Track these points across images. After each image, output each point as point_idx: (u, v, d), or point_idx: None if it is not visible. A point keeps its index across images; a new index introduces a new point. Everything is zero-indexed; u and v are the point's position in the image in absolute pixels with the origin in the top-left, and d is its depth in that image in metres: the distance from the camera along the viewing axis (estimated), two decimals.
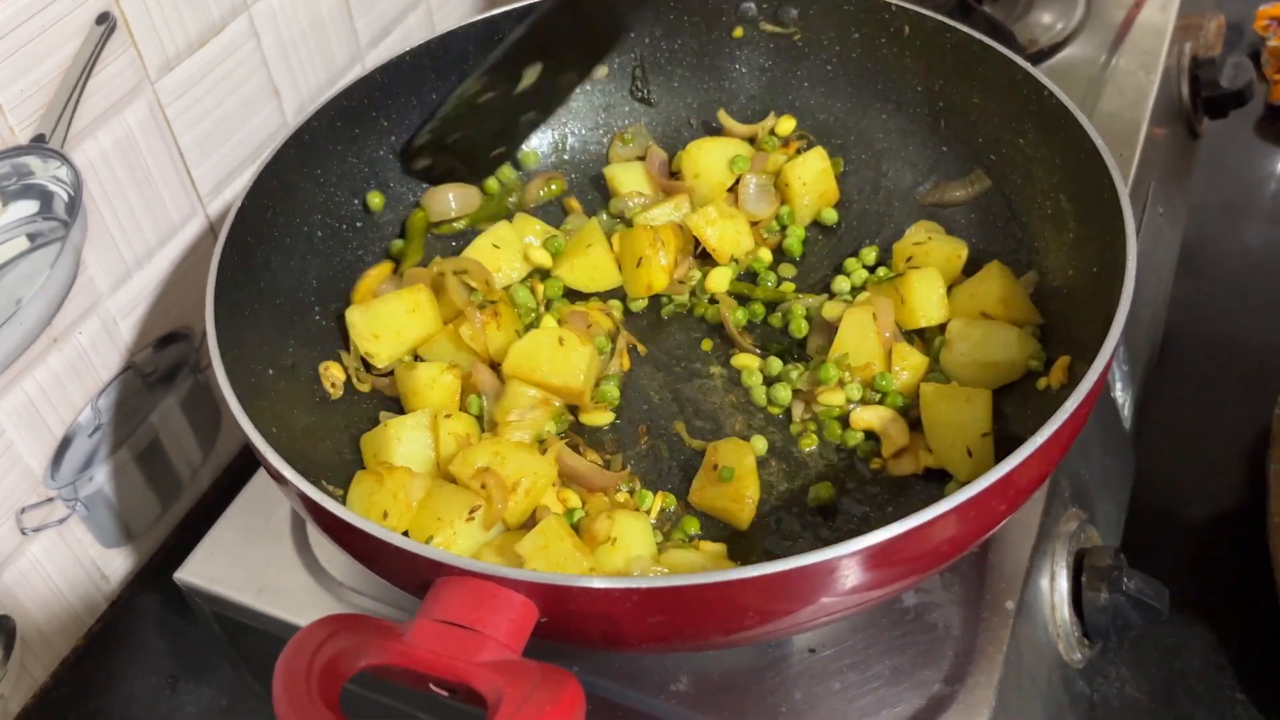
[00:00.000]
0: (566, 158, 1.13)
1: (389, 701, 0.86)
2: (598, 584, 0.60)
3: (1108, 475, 1.02)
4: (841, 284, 0.98)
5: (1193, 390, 1.30)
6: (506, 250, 1.00)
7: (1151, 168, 1.18)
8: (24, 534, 0.88)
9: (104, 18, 0.83)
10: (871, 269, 1.00)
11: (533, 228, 1.04)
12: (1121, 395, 1.06)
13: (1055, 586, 0.86)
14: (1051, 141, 0.90)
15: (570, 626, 0.64)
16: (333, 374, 0.92)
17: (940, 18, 0.97)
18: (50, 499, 0.90)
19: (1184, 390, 1.29)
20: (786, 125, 1.08)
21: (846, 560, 0.60)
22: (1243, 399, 1.26)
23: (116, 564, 0.98)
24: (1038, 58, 1.24)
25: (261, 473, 0.96)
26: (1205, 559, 1.14)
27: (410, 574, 0.66)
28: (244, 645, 0.94)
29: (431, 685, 0.60)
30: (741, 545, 0.83)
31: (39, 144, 0.80)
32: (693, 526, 0.84)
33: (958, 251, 0.94)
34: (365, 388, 0.93)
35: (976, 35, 0.95)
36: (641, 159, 1.10)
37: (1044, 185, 0.92)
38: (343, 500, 0.80)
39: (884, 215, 1.05)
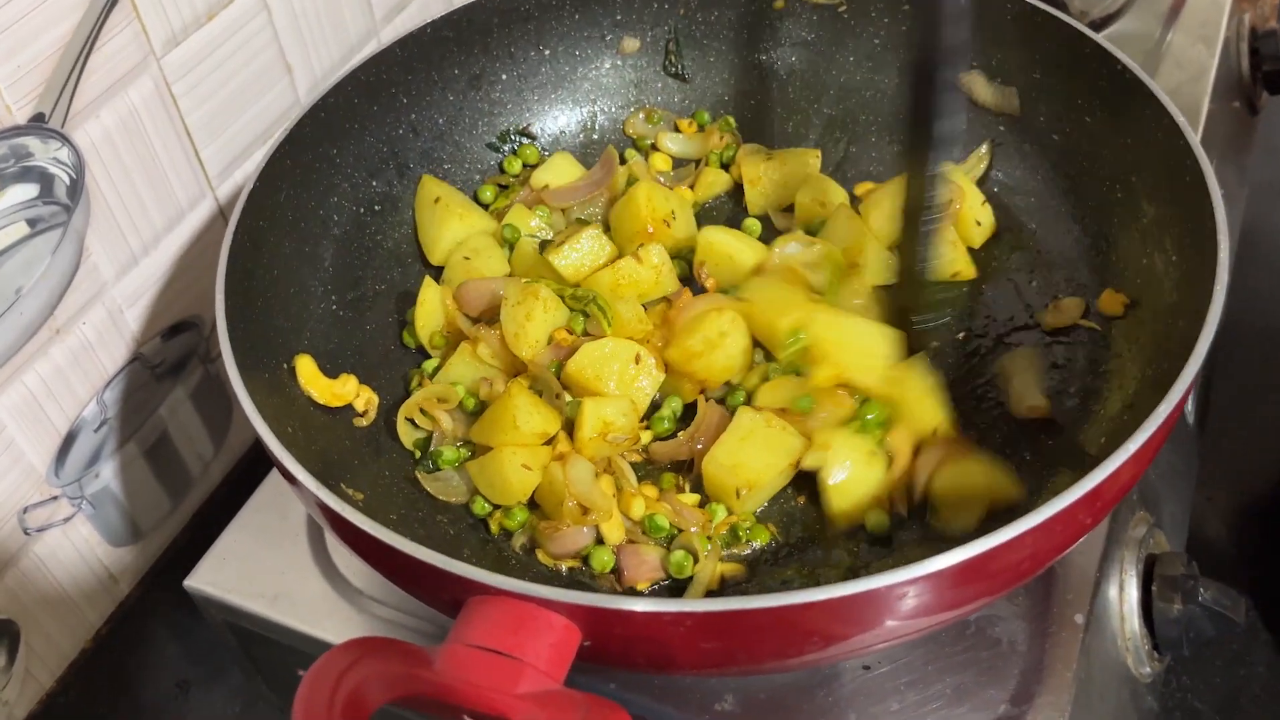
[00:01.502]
0: (595, 137, 1.09)
1: None
2: (648, 607, 0.56)
3: (1172, 475, 0.98)
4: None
5: (1252, 383, 1.25)
6: (486, 255, 0.95)
7: (1213, 146, 1.14)
8: (27, 534, 0.85)
9: None
10: None
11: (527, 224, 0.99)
12: None
13: (1125, 597, 0.81)
14: (1122, 119, 0.86)
15: (616, 651, 0.60)
16: (367, 400, 0.87)
17: None
18: (54, 497, 0.87)
19: (1242, 381, 1.24)
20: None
21: (921, 583, 0.56)
22: None
23: (125, 563, 0.96)
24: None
25: (274, 472, 0.92)
26: (1268, 561, 1.09)
27: (440, 591, 0.62)
28: (257, 653, 0.91)
29: (466, 718, 0.56)
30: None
31: (38, 124, 0.77)
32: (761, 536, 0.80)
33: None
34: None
35: (1040, 5, 0.90)
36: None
37: (1114, 166, 0.87)
38: (363, 505, 0.76)
39: None
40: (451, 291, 0.92)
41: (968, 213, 0.93)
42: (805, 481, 0.82)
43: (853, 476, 0.77)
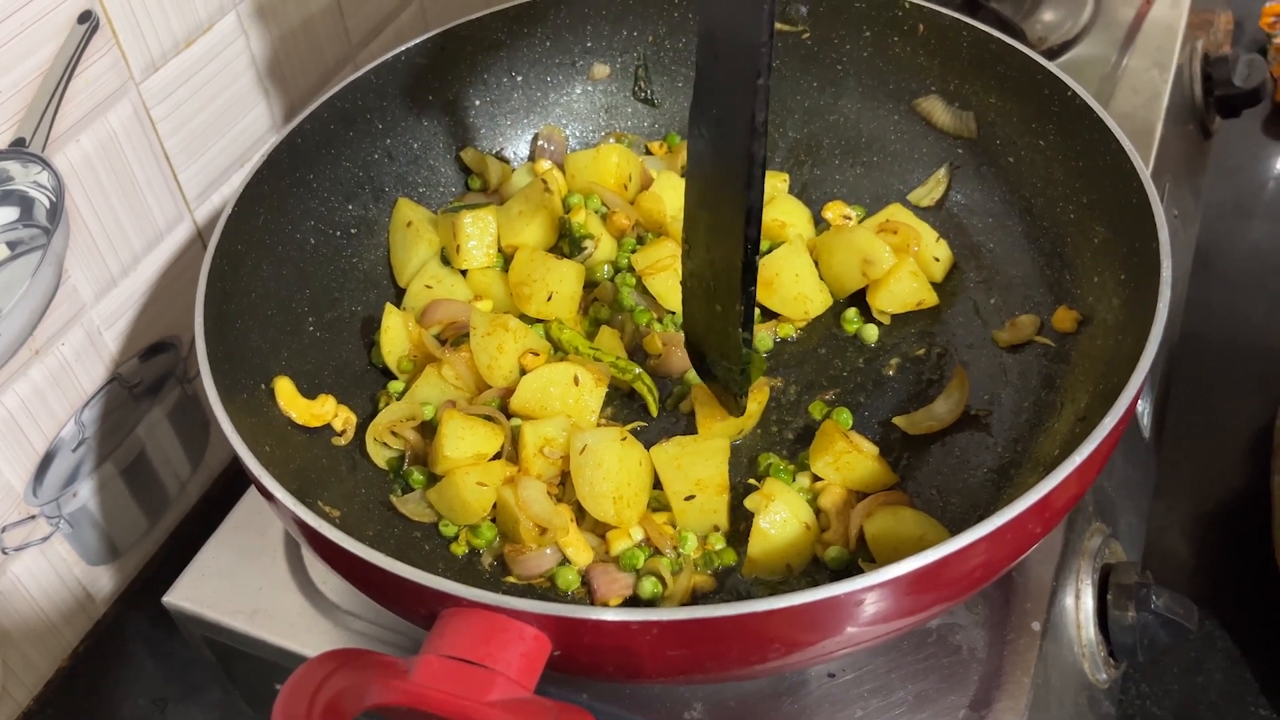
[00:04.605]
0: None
1: None
2: (616, 616, 0.57)
3: (1129, 486, 1.00)
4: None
5: (1206, 395, 1.27)
6: (442, 286, 0.96)
7: (1167, 168, 1.16)
8: (4, 553, 0.85)
9: (86, 16, 0.80)
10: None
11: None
12: (1141, 404, 1.04)
13: (1081, 605, 0.83)
14: (1073, 143, 0.88)
15: (585, 660, 0.61)
16: (345, 419, 0.88)
17: (956, 15, 0.95)
18: (32, 517, 0.87)
19: (1198, 395, 1.27)
20: None
21: (878, 590, 0.57)
22: (1260, 403, 1.24)
23: (102, 582, 0.96)
24: (1047, 56, 1.22)
25: (253, 489, 0.92)
26: (1224, 570, 1.11)
27: (414, 604, 0.63)
28: (236, 669, 0.91)
29: None
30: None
31: (18, 148, 0.78)
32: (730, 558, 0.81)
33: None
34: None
35: (995, 33, 0.93)
36: None
37: (1065, 188, 0.89)
38: (339, 521, 0.77)
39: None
40: (415, 317, 0.93)
41: (925, 252, 0.95)
42: None
43: (780, 531, 0.78)
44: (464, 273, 0.98)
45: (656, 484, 0.83)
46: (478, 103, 1.07)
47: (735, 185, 0.68)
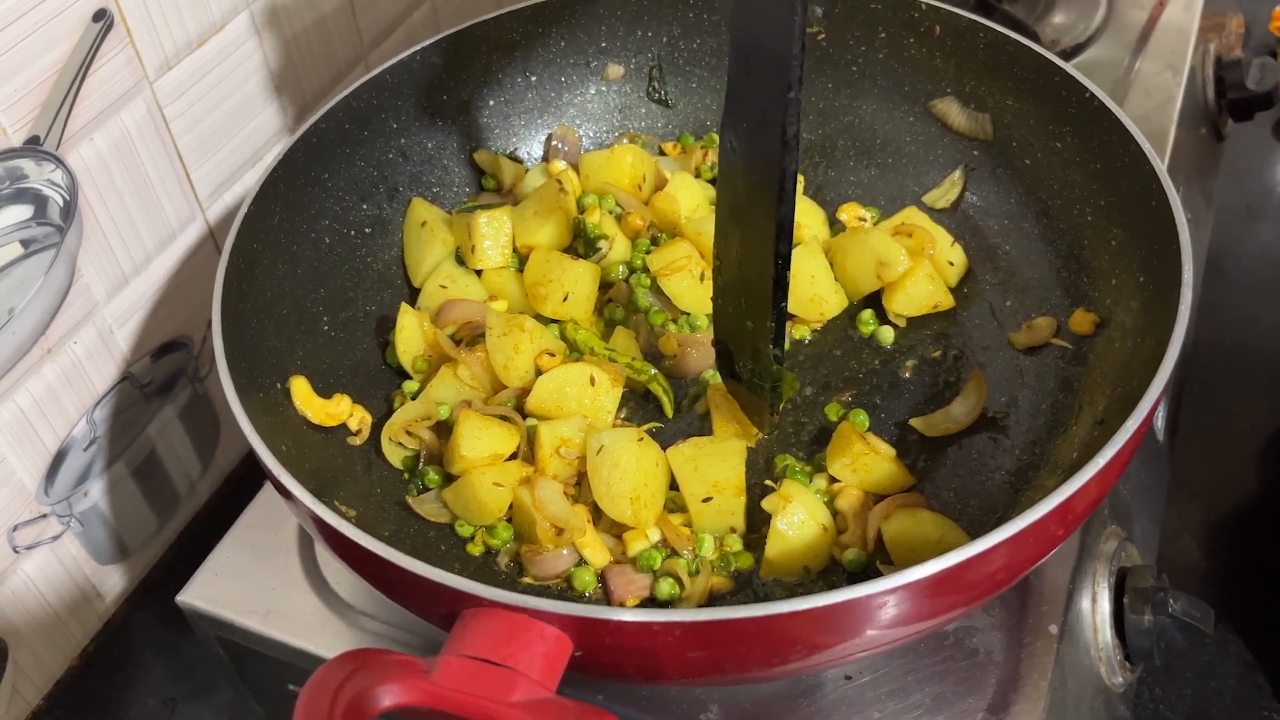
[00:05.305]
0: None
1: None
2: (638, 617, 0.57)
3: (1144, 490, 1.00)
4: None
5: (1217, 399, 1.27)
6: (457, 286, 0.96)
7: (1180, 171, 1.16)
8: (16, 552, 0.85)
9: (101, 15, 0.80)
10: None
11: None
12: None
13: (1097, 608, 0.83)
14: (1091, 145, 0.88)
15: (606, 660, 0.61)
16: (360, 419, 0.88)
17: (973, 16, 0.95)
18: (44, 515, 0.87)
19: (1210, 398, 1.26)
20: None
21: (901, 592, 0.57)
22: (1272, 407, 1.24)
23: (112, 581, 0.96)
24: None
25: (266, 488, 0.93)
26: (1237, 574, 1.11)
27: (435, 604, 0.63)
28: (248, 669, 0.91)
29: None
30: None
31: (33, 146, 0.78)
32: (745, 561, 0.81)
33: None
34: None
35: (1012, 35, 0.93)
36: None
37: (1083, 190, 0.89)
38: (355, 521, 0.77)
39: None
40: (429, 316, 0.93)
41: (940, 255, 0.95)
42: None
43: (797, 532, 0.78)
44: (479, 273, 0.98)
45: (673, 485, 0.83)
46: (491, 103, 1.06)
47: (766, 199, 0.67)
